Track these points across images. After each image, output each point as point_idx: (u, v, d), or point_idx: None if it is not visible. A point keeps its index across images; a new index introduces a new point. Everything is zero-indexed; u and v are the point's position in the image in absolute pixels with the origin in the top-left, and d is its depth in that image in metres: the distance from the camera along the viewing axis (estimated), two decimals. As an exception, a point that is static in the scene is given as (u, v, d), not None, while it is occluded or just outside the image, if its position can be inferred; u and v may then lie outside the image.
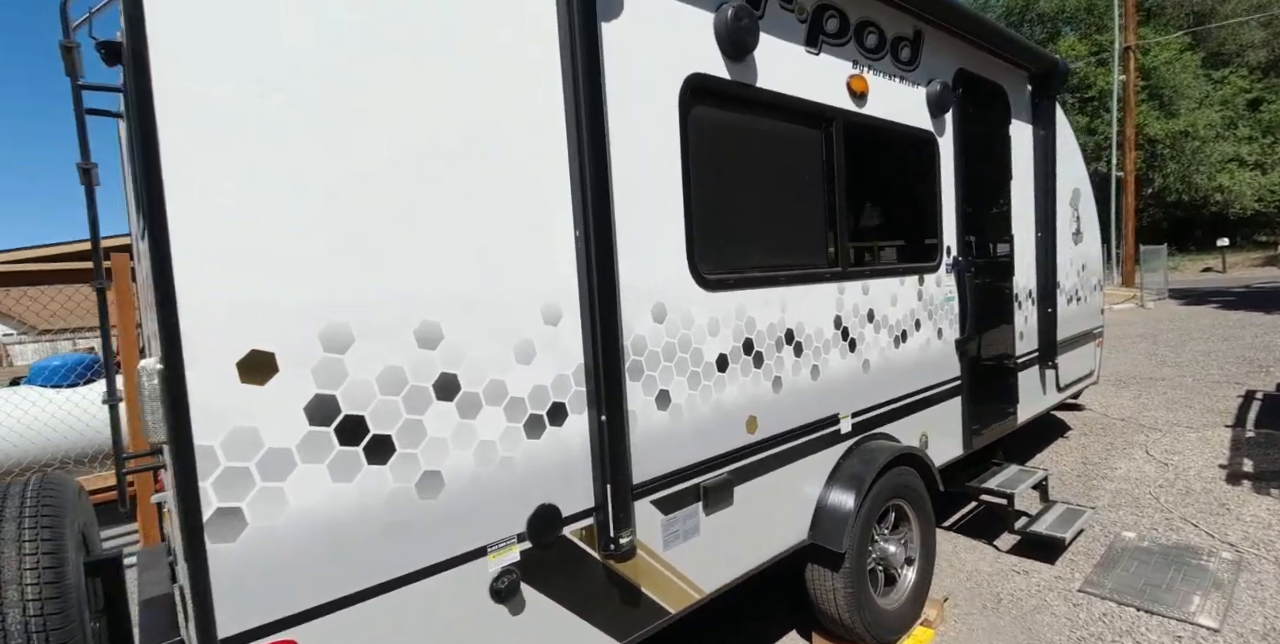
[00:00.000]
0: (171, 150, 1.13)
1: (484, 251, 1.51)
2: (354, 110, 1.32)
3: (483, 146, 1.51)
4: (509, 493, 1.57)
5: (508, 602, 1.57)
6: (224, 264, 1.18)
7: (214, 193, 1.17)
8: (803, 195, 2.50)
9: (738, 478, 2.17)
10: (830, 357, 2.54)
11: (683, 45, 1.97)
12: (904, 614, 2.72)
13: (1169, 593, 2.93)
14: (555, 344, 1.65)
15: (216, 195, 1.17)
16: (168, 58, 1.12)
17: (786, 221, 2.46)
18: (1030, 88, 4.01)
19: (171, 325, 1.13)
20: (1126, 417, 5.88)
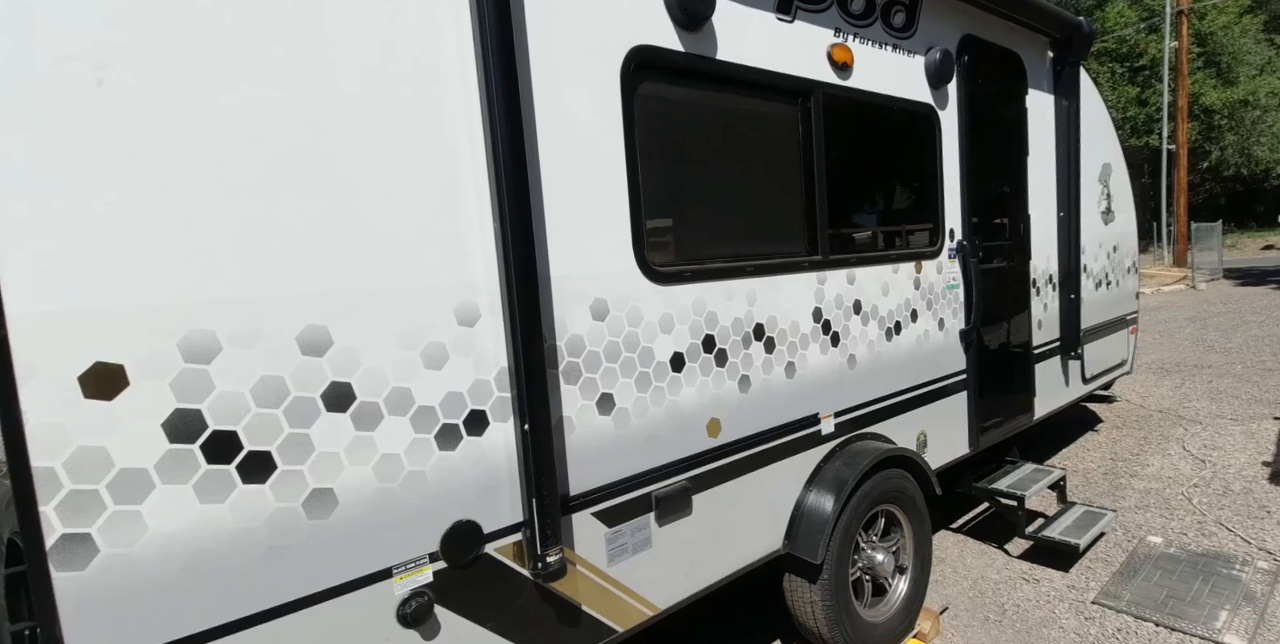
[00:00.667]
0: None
1: (379, 247, 1.37)
2: (195, 76, 1.19)
3: (371, 127, 1.36)
4: (418, 510, 1.45)
5: (419, 626, 1.45)
6: (58, 268, 1.07)
7: (37, 188, 1.05)
8: (776, 178, 2.30)
9: (698, 485, 2.01)
10: (808, 352, 2.34)
11: (624, 16, 1.78)
12: (893, 627, 2.54)
13: (1193, 607, 2.68)
14: (472, 347, 1.51)
15: (41, 191, 1.05)
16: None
17: (756, 207, 2.26)
18: (1051, 54, 3.67)
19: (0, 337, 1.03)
20: (1165, 408, 5.50)
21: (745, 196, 2.22)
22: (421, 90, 1.42)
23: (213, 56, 1.18)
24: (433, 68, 1.44)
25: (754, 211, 2.26)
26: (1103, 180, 4.32)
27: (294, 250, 1.27)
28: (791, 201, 2.33)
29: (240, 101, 1.21)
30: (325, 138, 1.30)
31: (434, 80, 1.44)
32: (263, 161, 1.24)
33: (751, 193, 2.24)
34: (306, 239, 1.29)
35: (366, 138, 1.35)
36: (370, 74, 1.36)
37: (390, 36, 1.38)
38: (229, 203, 1.20)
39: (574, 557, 1.73)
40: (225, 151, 1.20)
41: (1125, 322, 4.75)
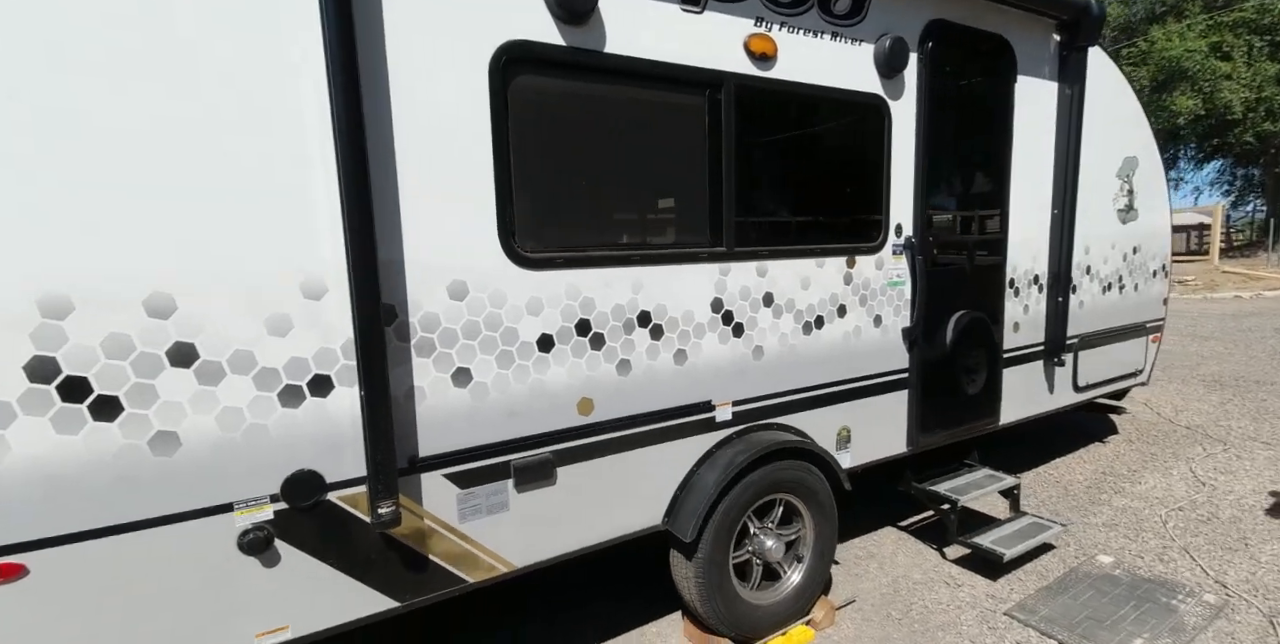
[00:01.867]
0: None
1: (224, 227, 1.57)
2: (45, 82, 1.40)
3: (215, 119, 1.54)
4: (260, 457, 1.67)
5: (258, 555, 1.69)
6: (-68, 237, 1.32)
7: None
8: (677, 170, 2.34)
9: (564, 459, 2.15)
10: (704, 341, 2.40)
11: (493, 12, 1.87)
12: (779, 612, 2.61)
13: (1109, 631, 2.58)
14: (317, 318, 1.70)
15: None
16: None
17: (650, 198, 2.32)
18: (1058, 38, 3.41)
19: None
20: (1195, 424, 5.08)
21: (637, 187, 2.28)
22: (266, 85, 1.59)
23: (59, 55, 1.39)
24: (278, 63, 1.60)
25: (647, 202, 2.32)
26: (1123, 175, 3.99)
27: (141, 227, 1.49)
28: (694, 193, 2.37)
29: (89, 101, 1.42)
30: (171, 130, 1.50)
31: (279, 74, 1.60)
32: (113, 156, 1.45)
33: (646, 184, 2.30)
34: (154, 218, 1.50)
35: (211, 129, 1.54)
36: (214, 69, 1.54)
37: (235, 34, 1.55)
38: (81, 191, 1.43)
39: (421, 511, 1.92)
40: (80, 149, 1.42)
41: (1144, 329, 4.41)
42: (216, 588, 1.66)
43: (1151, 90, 23.38)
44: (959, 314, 3.24)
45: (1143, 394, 6.00)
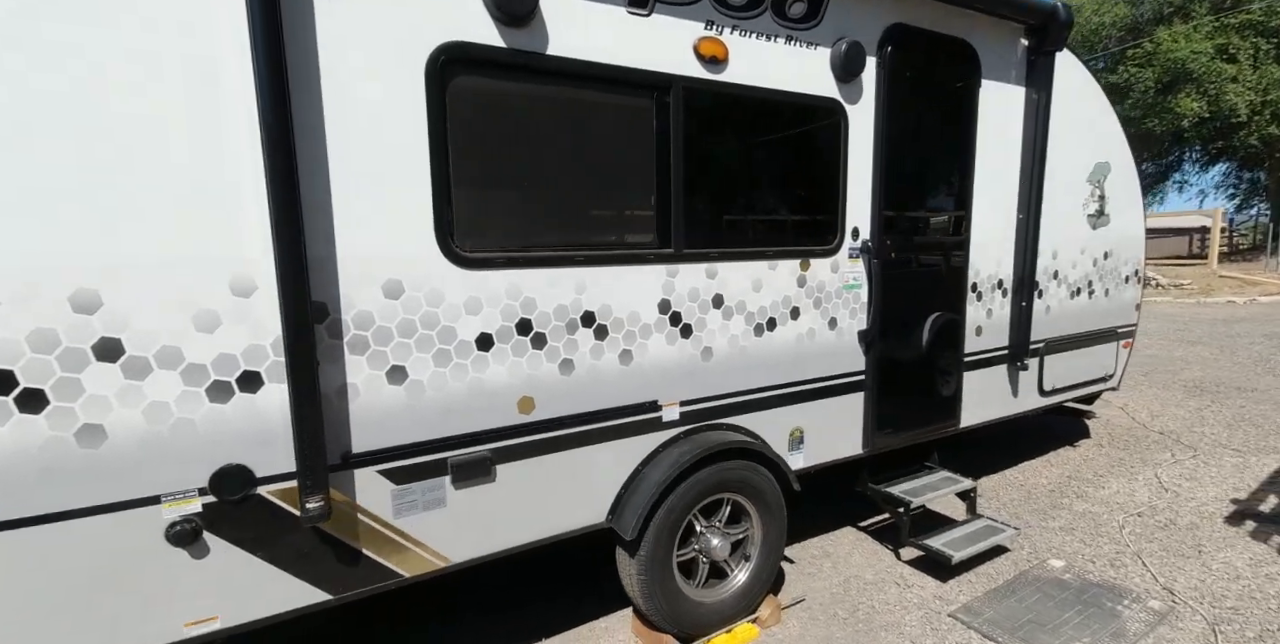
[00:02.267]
0: None
1: (150, 226, 1.60)
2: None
3: (140, 122, 1.57)
4: (188, 451, 1.70)
5: (188, 546, 1.72)
6: None
7: None
8: (624, 171, 2.35)
9: (503, 456, 2.18)
10: (650, 342, 2.42)
11: (431, 15, 1.89)
12: (724, 609, 2.65)
13: (1049, 635, 2.61)
14: (247, 315, 1.73)
15: None
16: None
17: (596, 199, 2.34)
18: (1026, 42, 3.41)
19: None
20: (1169, 430, 5.09)
21: (583, 188, 2.30)
22: (190, 84, 1.61)
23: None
24: (203, 60, 1.62)
25: (593, 203, 2.34)
26: (1094, 180, 3.99)
27: (65, 224, 1.51)
28: (642, 195, 2.39)
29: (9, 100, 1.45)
30: (96, 127, 1.52)
31: (205, 73, 1.62)
32: (35, 153, 1.47)
33: (592, 185, 2.31)
34: (78, 215, 1.53)
35: (137, 126, 1.57)
36: (139, 73, 1.56)
37: (160, 36, 1.57)
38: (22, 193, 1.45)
39: (355, 506, 1.95)
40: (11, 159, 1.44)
41: (1116, 334, 4.42)
42: (145, 578, 1.70)
43: (1157, 92, 23.26)
44: (917, 317, 3.26)
45: (1120, 398, 6.01)
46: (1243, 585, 2.90)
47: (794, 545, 3.40)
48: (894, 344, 3.17)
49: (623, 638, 2.67)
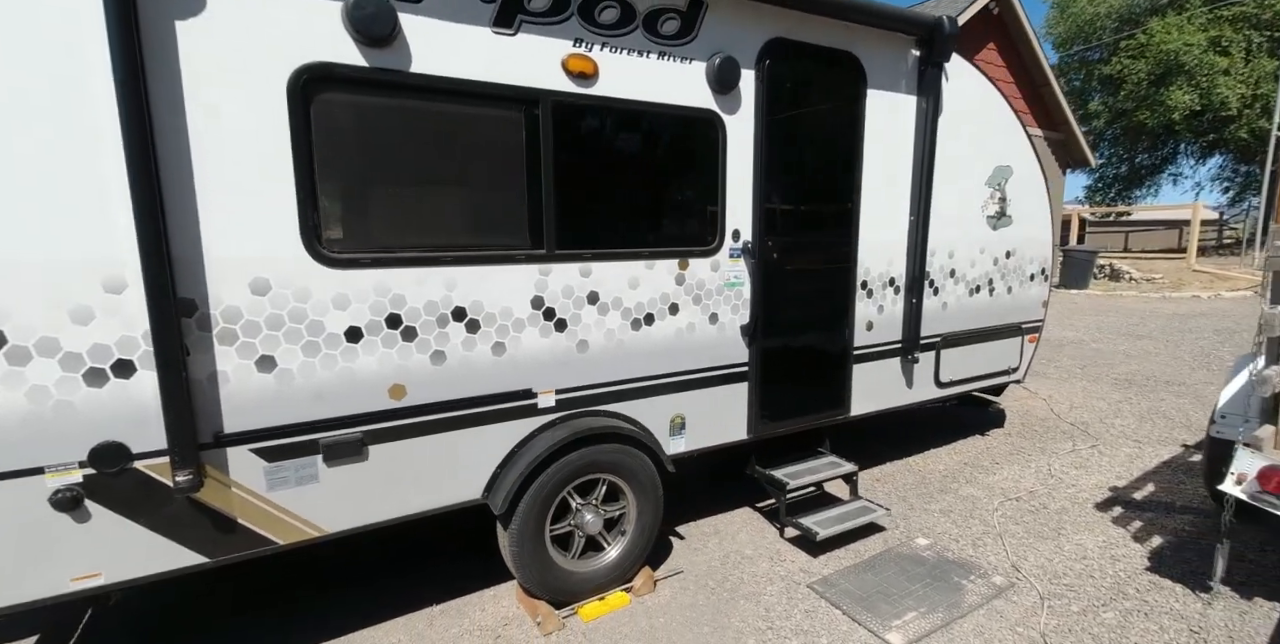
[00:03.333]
0: None
1: (25, 229, 1.81)
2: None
3: (21, 135, 1.77)
4: (68, 429, 1.93)
5: (70, 512, 1.96)
6: None
7: None
8: (495, 179, 2.55)
9: (376, 438, 2.41)
10: (523, 335, 2.64)
11: (295, 36, 2.08)
12: (596, 579, 2.90)
13: (890, 604, 2.86)
14: (119, 310, 1.94)
15: None
16: None
17: (465, 204, 2.54)
18: (917, 53, 3.58)
19: None
20: (1081, 421, 5.33)
21: (451, 194, 2.50)
22: (55, 100, 1.80)
23: None
24: (73, 86, 1.81)
25: (462, 208, 2.55)
26: (994, 184, 4.18)
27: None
28: (513, 200, 2.58)
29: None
30: None
31: (74, 96, 1.82)
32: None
33: (460, 192, 2.52)
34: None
35: (18, 144, 1.77)
36: (18, 94, 1.76)
37: (32, 55, 1.77)
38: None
39: (228, 481, 2.19)
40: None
41: (1020, 330, 4.64)
42: (32, 539, 1.94)
43: (1149, 84, 23.19)
44: (803, 313, 3.48)
45: (1046, 390, 6.26)
46: (1086, 565, 3.15)
47: (689, 523, 3.66)
48: (778, 338, 3.39)
49: (508, 604, 2.93)
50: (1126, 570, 3.09)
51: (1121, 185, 29.70)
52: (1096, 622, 2.71)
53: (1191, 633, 2.61)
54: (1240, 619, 2.68)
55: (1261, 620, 2.67)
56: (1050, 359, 7.58)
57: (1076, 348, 8.20)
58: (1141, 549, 3.28)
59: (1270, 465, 2.50)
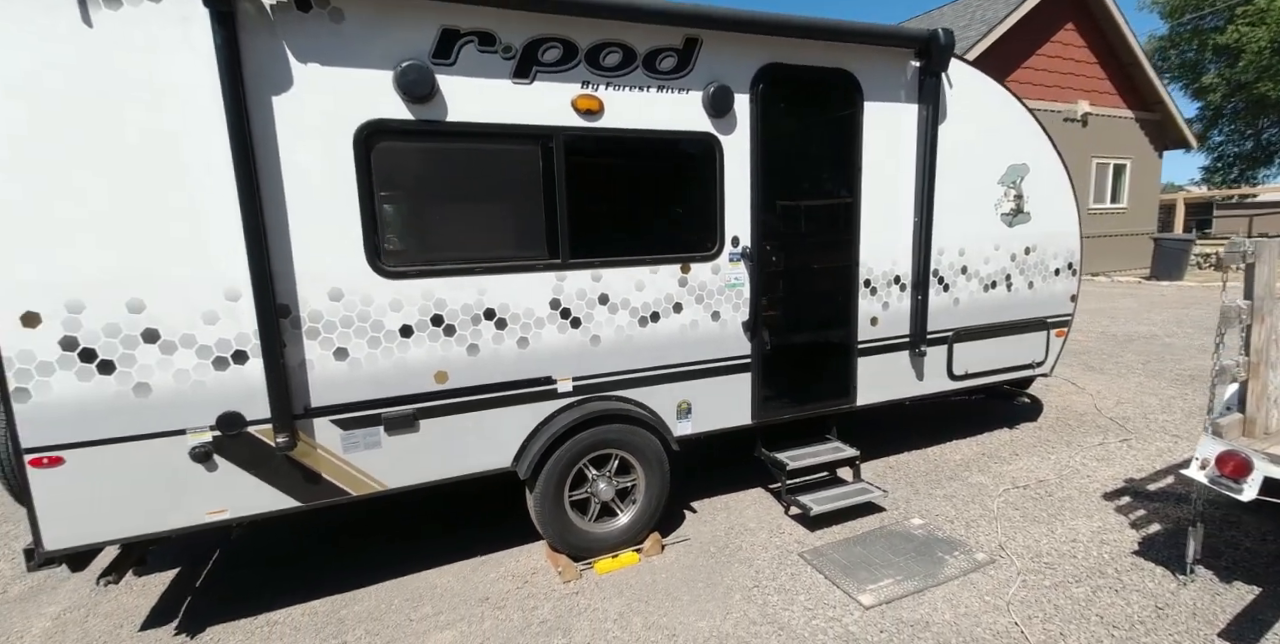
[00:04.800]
0: (-26, 210, 2.27)
1: (176, 262, 2.50)
2: (57, 160, 2.35)
3: (156, 184, 2.46)
4: (202, 401, 2.62)
5: (203, 464, 2.66)
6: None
7: None
8: (518, 201, 3.08)
9: (424, 414, 3.00)
10: (544, 331, 3.16)
11: (358, 100, 2.68)
12: (611, 540, 3.39)
13: (869, 572, 3.18)
14: (237, 313, 2.62)
15: None
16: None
17: (492, 223, 3.08)
18: (917, 64, 3.81)
19: (-13, 296, 2.32)
20: (1123, 416, 5.28)
21: (482, 216, 3.05)
22: (194, 166, 2.48)
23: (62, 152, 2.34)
24: (204, 150, 2.48)
25: (491, 226, 3.09)
26: (1007, 182, 4.30)
27: (114, 251, 2.43)
28: (532, 219, 3.10)
29: (89, 176, 2.36)
30: (133, 193, 2.43)
31: (203, 157, 2.49)
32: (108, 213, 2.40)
33: (490, 213, 3.06)
34: (122, 245, 2.44)
35: (158, 192, 2.46)
36: (150, 150, 2.44)
37: (168, 126, 2.45)
38: (97, 238, 2.39)
39: (315, 444, 2.84)
40: (87, 213, 2.37)
41: (1044, 324, 4.71)
42: (179, 481, 2.65)
43: (1271, 53, 20.97)
44: (804, 310, 3.81)
45: (1098, 385, 6.17)
46: (1072, 547, 3.32)
47: (703, 499, 4.08)
48: (779, 333, 3.74)
49: (537, 557, 3.47)
50: (1112, 553, 3.24)
51: (1244, 165, 26.94)
52: (1064, 595, 2.91)
53: (1156, 608, 2.77)
54: (1211, 599, 2.81)
55: (1233, 602, 2.79)
56: (1112, 354, 7.36)
57: (1146, 343, 7.87)
58: (1135, 535, 3.40)
59: (1227, 451, 2.63)
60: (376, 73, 2.70)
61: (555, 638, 2.76)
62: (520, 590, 3.14)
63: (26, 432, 2.42)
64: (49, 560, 2.59)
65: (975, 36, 11.78)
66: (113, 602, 3.24)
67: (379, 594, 3.17)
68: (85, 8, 2.32)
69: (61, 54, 2.29)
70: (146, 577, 3.45)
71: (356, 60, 2.67)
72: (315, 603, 3.11)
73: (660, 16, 3.09)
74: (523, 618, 2.91)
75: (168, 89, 2.42)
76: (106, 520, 2.58)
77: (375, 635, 2.83)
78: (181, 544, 3.74)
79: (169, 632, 2.94)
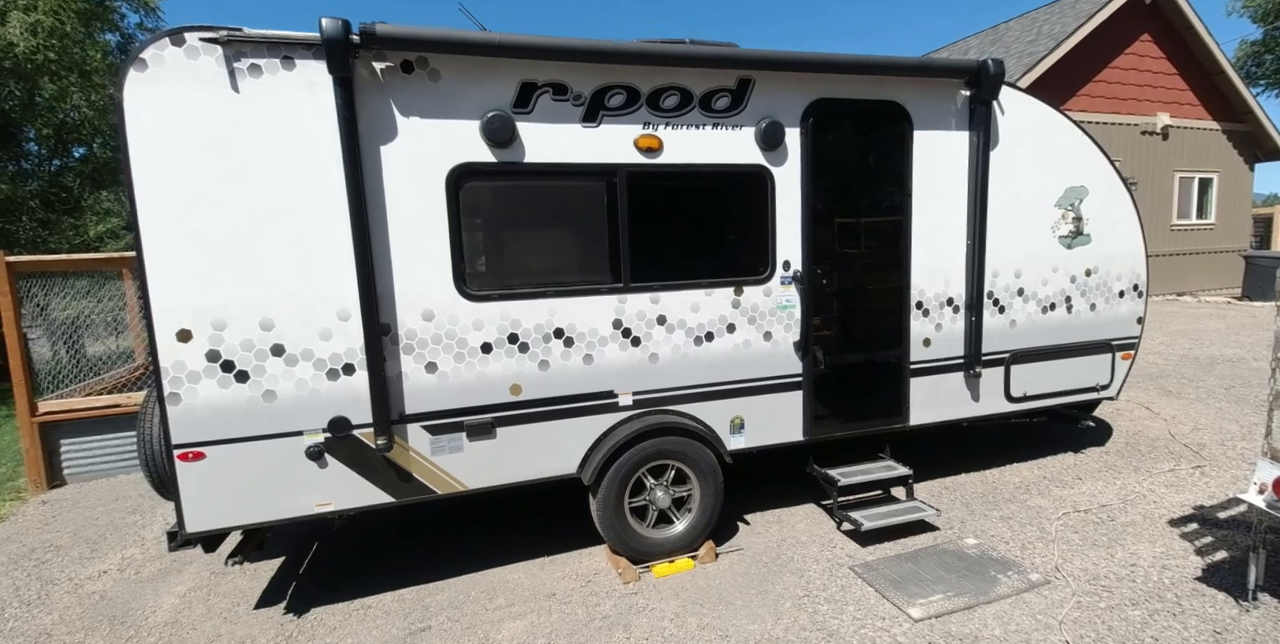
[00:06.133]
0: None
1: (298, 287, 2.94)
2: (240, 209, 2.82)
3: (292, 219, 2.90)
4: (317, 407, 3.04)
5: (316, 461, 3.07)
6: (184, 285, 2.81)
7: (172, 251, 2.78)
8: (585, 231, 3.41)
9: (501, 423, 3.33)
10: (607, 349, 3.46)
11: (450, 146, 3.08)
12: (667, 545, 3.60)
13: (919, 587, 3.26)
14: (346, 331, 3.03)
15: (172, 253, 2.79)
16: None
17: (562, 251, 3.42)
18: (967, 93, 3.95)
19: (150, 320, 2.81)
20: (1198, 443, 5.09)
21: (553, 244, 3.39)
22: (317, 203, 2.92)
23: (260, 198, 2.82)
24: (323, 192, 2.92)
25: (561, 254, 3.43)
26: (1065, 205, 4.33)
27: (253, 280, 2.89)
28: (597, 246, 3.42)
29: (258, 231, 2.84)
30: (267, 229, 2.89)
31: (323, 197, 2.93)
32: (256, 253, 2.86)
33: (559, 242, 3.40)
34: (258, 274, 2.89)
35: (289, 228, 2.91)
36: (283, 193, 2.90)
37: (298, 172, 2.90)
38: (240, 269, 2.85)
39: (408, 447, 3.21)
40: (242, 248, 2.84)
41: (1109, 346, 4.65)
42: (295, 476, 3.06)
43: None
44: (856, 331, 3.95)
45: (1174, 410, 5.95)
46: (1131, 571, 3.30)
47: (756, 512, 4.23)
48: (832, 352, 3.90)
49: (600, 560, 3.73)
50: (1173, 578, 3.20)
51: (1358, 173, 24.75)
52: (1120, 617, 2.92)
53: (1214, 634, 2.75)
54: (1273, 626, 2.76)
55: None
56: (1194, 379, 7.02)
57: (1231, 366, 7.46)
58: (1200, 561, 3.34)
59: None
60: (466, 123, 3.10)
61: (617, 632, 2.99)
62: (584, 588, 3.40)
63: (176, 430, 2.89)
64: (188, 541, 3.04)
65: (1043, 52, 11.56)
66: (230, 584, 3.69)
67: (458, 586, 3.49)
68: (234, 78, 2.82)
69: (217, 116, 2.78)
70: (258, 563, 3.91)
71: (449, 112, 3.08)
72: (403, 591, 3.46)
73: (716, 61, 3.39)
74: (586, 613, 3.16)
75: (298, 141, 2.88)
76: (236, 508, 3.01)
77: (456, 622, 3.14)
78: (288, 534, 4.21)
79: (279, 611, 3.35)
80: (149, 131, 2.71)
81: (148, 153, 2.71)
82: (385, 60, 2.95)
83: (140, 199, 2.72)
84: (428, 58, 3.01)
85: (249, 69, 2.80)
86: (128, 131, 2.69)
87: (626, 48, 3.22)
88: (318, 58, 2.85)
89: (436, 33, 2.94)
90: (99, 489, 5.48)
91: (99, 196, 12.91)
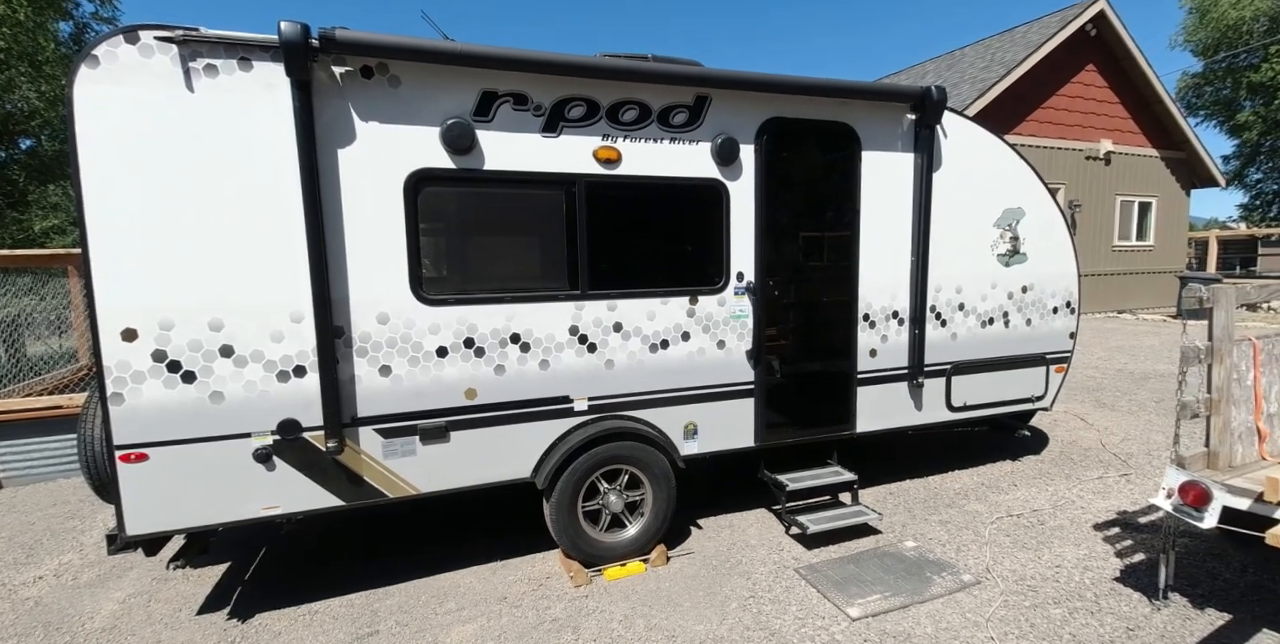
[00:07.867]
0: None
1: (250, 288, 2.93)
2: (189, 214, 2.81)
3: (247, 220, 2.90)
4: (266, 409, 3.02)
5: (264, 464, 3.05)
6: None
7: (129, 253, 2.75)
8: (543, 239, 3.48)
9: (455, 426, 3.36)
10: (563, 355, 3.52)
11: (409, 151, 3.12)
12: (620, 549, 3.66)
13: (859, 587, 3.39)
14: (299, 333, 3.03)
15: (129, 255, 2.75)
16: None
17: (520, 258, 3.48)
18: (912, 117, 4.15)
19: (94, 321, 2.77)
20: (1128, 452, 5.38)
21: (511, 251, 3.45)
22: (271, 209, 2.93)
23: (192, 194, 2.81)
24: (278, 197, 2.93)
25: (519, 261, 3.48)
26: (1003, 225, 4.57)
27: (202, 279, 2.87)
28: (555, 254, 3.49)
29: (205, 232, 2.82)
30: (221, 230, 2.88)
31: (278, 203, 2.94)
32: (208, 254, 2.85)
33: (518, 249, 3.46)
34: (209, 274, 2.88)
35: (243, 229, 2.90)
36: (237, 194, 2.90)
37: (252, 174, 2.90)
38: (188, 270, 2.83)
39: (359, 450, 3.21)
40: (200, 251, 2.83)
41: (1044, 359, 4.90)
42: (242, 479, 3.04)
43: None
44: (805, 341, 4.10)
45: (1107, 421, 6.26)
46: (1055, 572, 3.48)
47: (709, 517, 4.32)
48: (782, 361, 4.03)
49: (552, 563, 3.76)
50: (1093, 579, 3.39)
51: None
52: (1042, 615, 3.09)
53: (1127, 630, 2.93)
54: (1181, 624, 2.96)
55: (1202, 627, 2.93)
56: (1127, 392, 7.41)
57: (1162, 381, 7.89)
58: (1119, 563, 3.54)
59: (1189, 481, 2.82)
60: (425, 129, 3.14)
61: (565, 634, 3.03)
62: (535, 592, 3.43)
63: (118, 430, 2.84)
64: (128, 545, 2.98)
65: (994, 78, 12.10)
66: (172, 589, 3.61)
67: (408, 591, 3.48)
68: (189, 77, 2.81)
69: (170, 115, 2.77)
70: (202, 568, 3.83)
71: (409, 118, 3.12)
72: (351, 596, 3.44)
73: (673, 78, 3.50)
74: (537, 616, 3.19)
75: (254, 144, 2.89)
76: (179, 511, 2.97)
77: (405, 626, 3.14)
78: (233, 539, 4.13)
79: (222, 616, 3.30)
80: (99, 128, 2.68)
81: (97, 149, 2.69)
82: (345, 65, 2.98)
83: (88, 195, 2.69)
84: (388, 64, 3.05)
85: (205, 69, 2.80)
86: (77, 128, 2.66)
87: (585, 62, 3.31)
88: (276, 60, 2.87)
89: (396, 40, 2.98)
90: (36, 493, 5.28)
91: (46, 191, 12.45)
